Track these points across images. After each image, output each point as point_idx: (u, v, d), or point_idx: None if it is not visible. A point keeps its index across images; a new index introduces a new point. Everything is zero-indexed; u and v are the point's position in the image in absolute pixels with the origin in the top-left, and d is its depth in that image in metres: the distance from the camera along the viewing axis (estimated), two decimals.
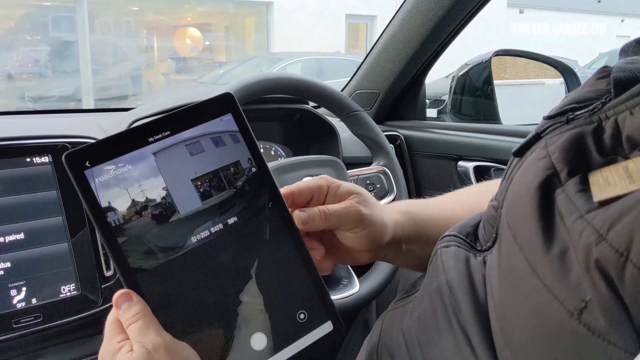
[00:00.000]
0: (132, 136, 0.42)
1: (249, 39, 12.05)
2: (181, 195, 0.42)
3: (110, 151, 0.40)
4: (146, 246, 0.40)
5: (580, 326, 0.30)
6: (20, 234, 0.73)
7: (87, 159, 0.39)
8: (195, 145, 0.43)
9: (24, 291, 0.72)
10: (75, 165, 0.39)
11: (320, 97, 0.94)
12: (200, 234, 0.42)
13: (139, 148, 0.41)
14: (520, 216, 0.38)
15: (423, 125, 1.30)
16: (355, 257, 0.55)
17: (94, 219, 0.39)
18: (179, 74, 10.50)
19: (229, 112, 0.45)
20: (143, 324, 0.38)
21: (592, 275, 0.30)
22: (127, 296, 0.39)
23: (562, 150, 0.37)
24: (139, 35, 10.84)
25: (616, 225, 0.29)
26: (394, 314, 0.54)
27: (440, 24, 1.10)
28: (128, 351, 0.37)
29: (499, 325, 0.38)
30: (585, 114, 0.38)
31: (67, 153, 0.39)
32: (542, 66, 1.41)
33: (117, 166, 0.40)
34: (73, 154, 0.39)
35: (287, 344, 0.42)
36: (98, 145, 0.40)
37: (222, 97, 0.45)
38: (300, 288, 0.44)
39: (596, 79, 0.42)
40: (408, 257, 0.58)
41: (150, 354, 0.37)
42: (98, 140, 0.41)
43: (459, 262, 0.46)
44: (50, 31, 9.20)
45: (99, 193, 0.39)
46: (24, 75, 8.67)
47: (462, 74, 1.37)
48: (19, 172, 0.74)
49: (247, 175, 0.45)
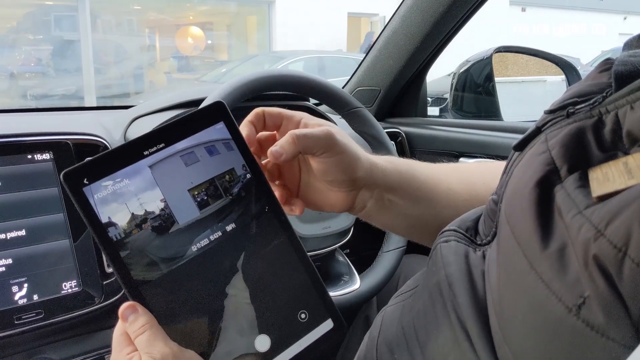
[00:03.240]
0: (128, 150, 0.42)
1: (251, 37, 12.05)
2: (179, 205, 0.43)
3: (107, 167, 0.41)
4: (148, 258, 0.41)
5: (579, 322, 0.30)
6: (21, 231, 0.73)
7: (84, 176, 0.40)
8: (190, 155, 0.44)
9: (26, 287, 0.72)
10: (74, 183, 0.40)
11: (321, 94, 0.94)
12: (200, 243, 0.43)
13: (135, 162, 0.42)
14: (518, 211, 0.38)
15: (424, 122, 1.30)
16: (330, 198, 0.54)
17: (96, 235, 0.40)
18: (181, 72, 10.51)
19: (220, 121, 0.46)
20: (150, 334, 0.39)
21: (591, 271, 0.30)
22: (132, 308, 0.40)
23: (562, 145, 0.37)
24: (141, 34, 10.85)
25: (614, 221, 0.29)
26: (393, 309, 0.54)
27: (441, 21, 1.10)
28: None
29: (498, 321, 0.38)
30: (585, 108, 0.38)
31: (65, 172, 0.39)
32: (543, 63, 1.40)
33: (115, 181, 0.41)
34: (71, 172, 0.40)
35: (290, 343, 0.44)
36: (95, 161, 0.41)
37: (213, 106, 0.46)
38: (300, 288, 0.45)
39: (598, 72, 0.42)
40: (393, 214, 0.56)
41: None
42: (94, 157, 0.41)
43: (458, 257, 0.46)
44: (52, 30, 9.20)
45: (99, 209, 0.40)
46: (27, 74, 8.68)
47: (463, 70, 1.36)
48: (21, 169, 0.75)
49: (242, 181, 0.46)
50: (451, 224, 0.50)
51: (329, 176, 0.51)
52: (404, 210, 0.56)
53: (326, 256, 0.99)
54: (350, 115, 0.96)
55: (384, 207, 0.55)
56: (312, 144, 0.48)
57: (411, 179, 0.56)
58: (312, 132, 0.49)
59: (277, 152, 0.47)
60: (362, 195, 0.54)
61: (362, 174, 0.52)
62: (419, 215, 0.57)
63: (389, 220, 0.58)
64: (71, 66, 8.63)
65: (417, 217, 0.57)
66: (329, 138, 0.49)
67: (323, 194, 0.54)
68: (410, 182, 0.56)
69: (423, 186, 0.57)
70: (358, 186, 0.53)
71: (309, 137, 0.48)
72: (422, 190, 0.56)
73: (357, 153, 0.52)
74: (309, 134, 0.48)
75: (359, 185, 0.53)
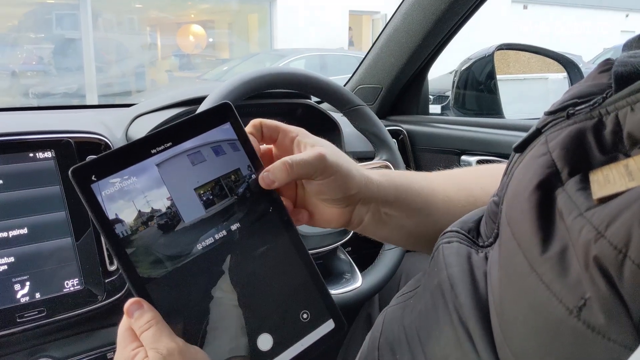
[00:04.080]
0: (136, 149, 0.43)
1: (252, 35, 12.04)
2: (185, 204, 0.43)
3: (115, 164, 0.42)
4: (154, 255, 0.41)
5: (580, 323, 0.30)
6: (23, 229, 0.73)
7: (92, 173, 0.41)
8: (197, 155, 0.45)
9: (28, 286, 0.72)
10: (82, 179, 0.40)
11: (322, 91, 0.94)
12: (205, 241, 0.43)
13: (143, 160, 0.43)
14: (519, 214, 0.38)
15: (426, 120, 1.29)
16: (326, 214, 0.53)
17: (103, 232, 0.40)
18: (182, 71, 10.51)
19: (227, 121, 0.47)
20: (156, 330, 0.39)
21: (591, 272, 0.30)
22: (138, 304, 0.40)
23: (562, 147, 0.37)
24: (142, 33, 10.85)
25: (615, 222, 0.29)
26: (395, 310, 0.54)
27: (443, 18, 1.09)
28: (143, 358, 0.38)
29: (499, 322, 0.38)
30: (585, 109, 0.38)
31: (74, 168, 0.40)
32: (545, 60, 1.40)
33: (122, 179, 0.41)
34: (79, 169, 0.40)
35: (292, 343, 0.44)
36: (103, 159, 0.41)
37: (220, 107, 0.47)
38: (302, 288, 0.46)
39: (598, 72, 0.41)
40: (390, 227, 0.56)
41: (165, 359, 0.37)
42: (103, 154, 0.42)
43: (460, 258, 0.46)
44: (54, 29, 9.21)
45: (106, 206, 0.40)
46: (28, 72, 8.68)
47: (464, 68, 1.36)
48: (22, 167, 0.75)
49: (247, 182, 0.46)
50: (453, 225, 0.50)
51: (323, 196, 0.51)
52: (401, 222, 0.56)
53: (328, 254, 0.99)
54: (351, 113, 0.96)
55: (381, 220, 0.55)
56: (305, 171, 0.48)
57: (407, 190, 0.56)
58: (304, 158, 0.48)
59: (268, 179, 0.47)
60: (358, 211, 0.54)
61: (356, 190, 0.51)
62: (417, 225, 0.57)
63: (386, 233, 0.57)
64: (73, 64, 8.64)
65: (414, 227, 0.57)
66: (321, 161, 0.48)
67: (319, 211, 0.53)
68: (407, 194, 0.56)
69: (419, 196, 0.56)
70: (353, 202, 0.53)
71: (302, 164, 0.47)
72: (419, 200, 0.56)
73: (351, 171, 0.51)
74: (301, 161, 0.47)
75: (354, 201, 0.53)
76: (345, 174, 0.50)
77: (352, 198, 0.52)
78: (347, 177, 0.50)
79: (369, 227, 0.56)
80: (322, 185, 0.50)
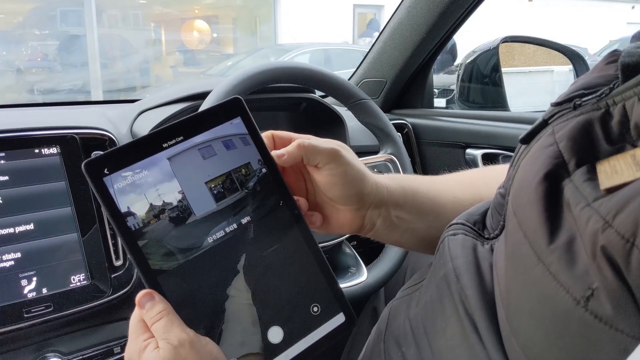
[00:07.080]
0: (147, 143, 0.43)
1: (257, 30, 12.02)
2: (196, 197, 0.44)
3: (127, 158, 0.42)
4: (165, 248, 0.42)
5: (587, 314, 0.30)
6: (30, 225, 0.73)
7: (105, 166, 0.41)
8: (208, 149, 0.45)
9: (35, 281, 0.72)
10: (94, 173, 0.41)
11: (326, 85, 0.94)
12: (216, 234, 0.44)
13: (154, 154, 0.43)
14: (526, 204, 0.38)
15: (430, 114, 1.29)
16: (339, 218, 0.53)
17: (115, 224, 0.41)
18: (187, 66, 10.50)
19: (238, 116, 0.47)
20: (167, 321, 0.39)
21: (599, 262, 0.30)
22: (149, 296, 0.40)
23: (569, 138, 0.37)
24: (146, 29, 10.86)
25: (622, 212, 0.29)
26: (401, 302, 0.54)
27: (447, 12, 1.09)
28: (154, 348, 0.39)
29: (505, 313, 0.38)
30: (592, 100, 0.37)
31: (87, 161, 0.40)
32: (550, 53, 1.39)
33: (134, 172, 0.42)
34: (92, 162, 0.41)
35: (302, 336, 0.44)
36: (115, 152, 0.42)
37: (231, 101, 0.47)
38: (313, 282, 0.46)
39: (605, 63, 0.41)
40: (401, 231, 0.56)
41: (177, 350, 0.38)
42: (115, 148, 0.42)
43: (466, 250, 0.46)
44: (58, 25, 9.22)
45: (118, 199, 0.41)
46: (33, 69, 8.69)
47: (469, 61, 1.35)
48: (28, 163, 0.75)
49: (257, 176, 0.47)
50: (458, 218, 0.50)
51: (336, 190, 0.51)
52: (412, 225, 0.56)
53: (333, 248, 0.99)
54: (356, 106, 0.96)
55: (392, 224, 0.55)
56: (316, 152, 0.49)
57: (415, 193, 0.56)
58: (318, 142, 0.49)
59: (280, 153, 0.48)
60: (370, 214, 0.54)
61: (370, 190, 0.52)
62: (427, 228, 0.57)
63: (398, 237, 0.58)
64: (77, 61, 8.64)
65: (425, 230, 0.57)
66: (334, 151, 0.49)
67: (333, 215, 0.53)
68: (415, 196, 0.56)
69: (427, 198, 0.57)
70: (366, 205, 0.53)
71: (314, 145, 0.49)
72: (427, 202, 0.56)
73: (363, 169, 0.52)
74: (314, 142, 0.49)
75: (366, 204, 0.53)
76: (358, 169, 0.51)
77: (364, 199, 0.52)
78: (360, 173, 0.51)
79: (380, 232, 0.56)
80: (335, 176, 0.50)
